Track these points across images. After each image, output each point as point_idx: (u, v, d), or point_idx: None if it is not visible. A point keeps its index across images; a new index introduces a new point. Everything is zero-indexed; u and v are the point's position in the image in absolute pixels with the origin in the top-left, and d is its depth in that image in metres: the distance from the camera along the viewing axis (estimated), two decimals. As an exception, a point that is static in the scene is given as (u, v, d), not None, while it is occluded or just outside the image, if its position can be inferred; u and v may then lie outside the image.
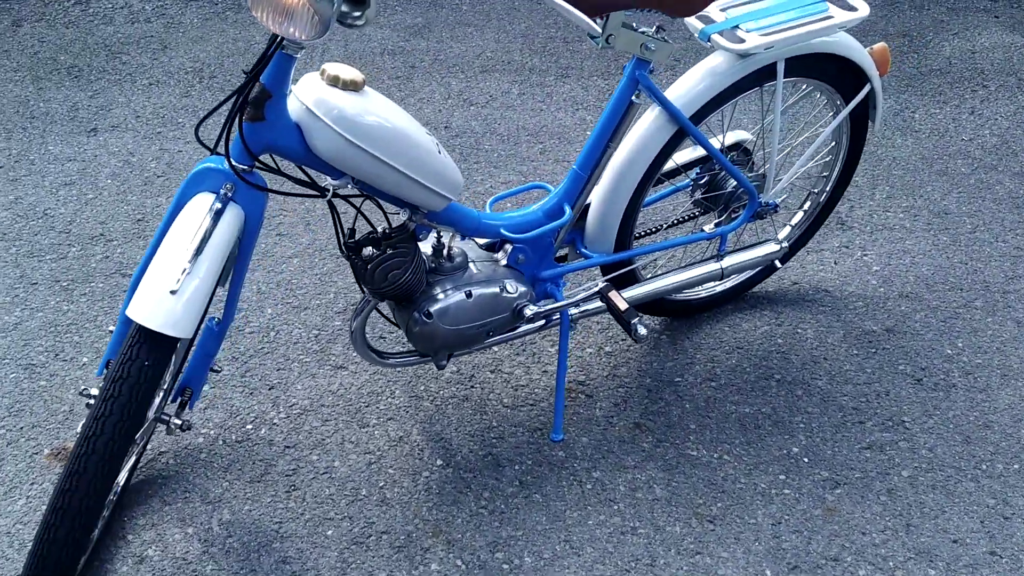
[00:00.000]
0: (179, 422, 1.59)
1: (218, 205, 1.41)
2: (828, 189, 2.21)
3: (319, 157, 1.47)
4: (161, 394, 1.57)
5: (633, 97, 1.75)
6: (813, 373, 2.12)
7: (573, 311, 1.93)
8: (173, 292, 1.31)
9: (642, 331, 1.79)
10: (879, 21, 3.78)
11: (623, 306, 1.79)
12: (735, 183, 2.03)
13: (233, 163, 1.41)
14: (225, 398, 2.04)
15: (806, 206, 2.27)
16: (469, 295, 1.75)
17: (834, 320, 2.27)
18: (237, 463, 1.89)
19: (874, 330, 2.24)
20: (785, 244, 2.12)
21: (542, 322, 1.92)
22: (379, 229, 1.65)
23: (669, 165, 1.97)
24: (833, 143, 2.15)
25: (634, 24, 1.66)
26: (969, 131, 3.05)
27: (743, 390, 2.08)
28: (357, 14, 1.29)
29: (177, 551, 1.71)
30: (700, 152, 2.02)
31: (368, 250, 1.64)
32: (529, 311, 1.81)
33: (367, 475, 1.87)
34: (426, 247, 1.76)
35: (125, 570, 1.67)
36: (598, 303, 1.96)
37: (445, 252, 1.76)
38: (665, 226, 2.11)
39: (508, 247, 1.84)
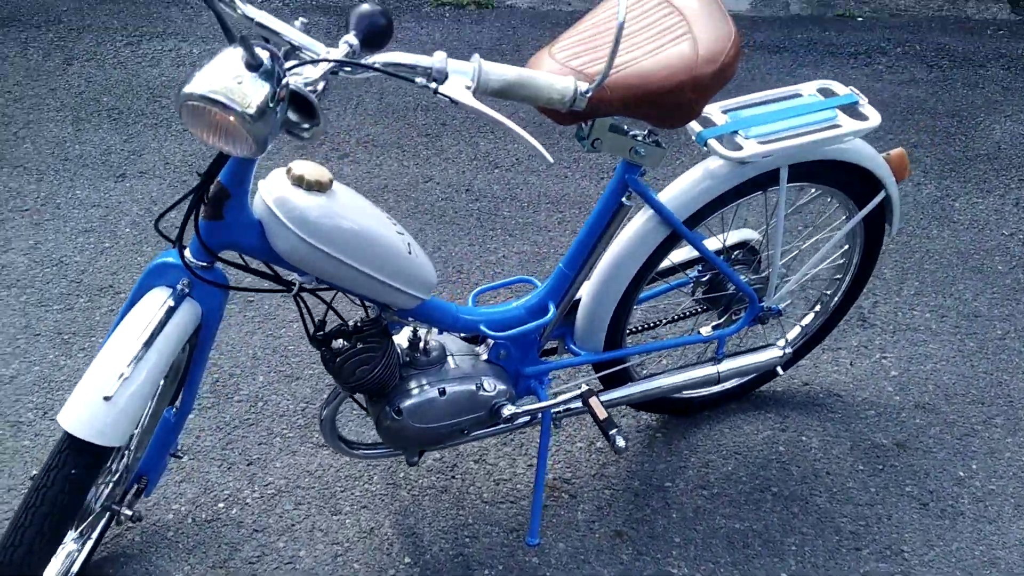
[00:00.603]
0: (130, 513, 1.56)
1: (171, 302, 1.38)
2: (841, 292, 2.11)
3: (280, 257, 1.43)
4: (111, 484, 1.54)
5: (624, 199, 1.68)
6: (813, 488, 2.01)
7: (558, 408, 1.86)
8: (107, 399, 1.28)
9: (621, 443, 1.71)
10: (928, 99, 3.65)
11: (602, 415, 1.71)
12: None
13: (187, 261, 1.38)
14: (202, 472, 2.01)
15: (817, 308, 2.17)
16: (443, 392, 1.69)
17: (842, 429, 2.16)
18: (202, 545, 1.85)
19: (884, 443, 2.12)
20: (788, 351, 2.02)
21: (527, 418, 1.85)
22: (350, 322, 1.61)
23: (666, 263, 1.90)
24: (847, 246, 2.05)
25: (625, 127, 1.60)
26: (1011, 224, 2.91)
27: (736, 502, 1.98)
28: (306, 126, 1.25)
29: (127, 638, 1.67)
30: (703, 250, 1.94)
31: (338, 342, 1.60)
32: (507, 411, 1.75)
33: (331, 568, 1.81)
34: (401, 339, 1.71)
35: (72, 655, 1.64)
36: (618, 395, 1.90)
37: (421, 346, 1.71)
38: (663, 322, 2.03)
39: (490, 341, 1.78)
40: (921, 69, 3.88)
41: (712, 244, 1.92)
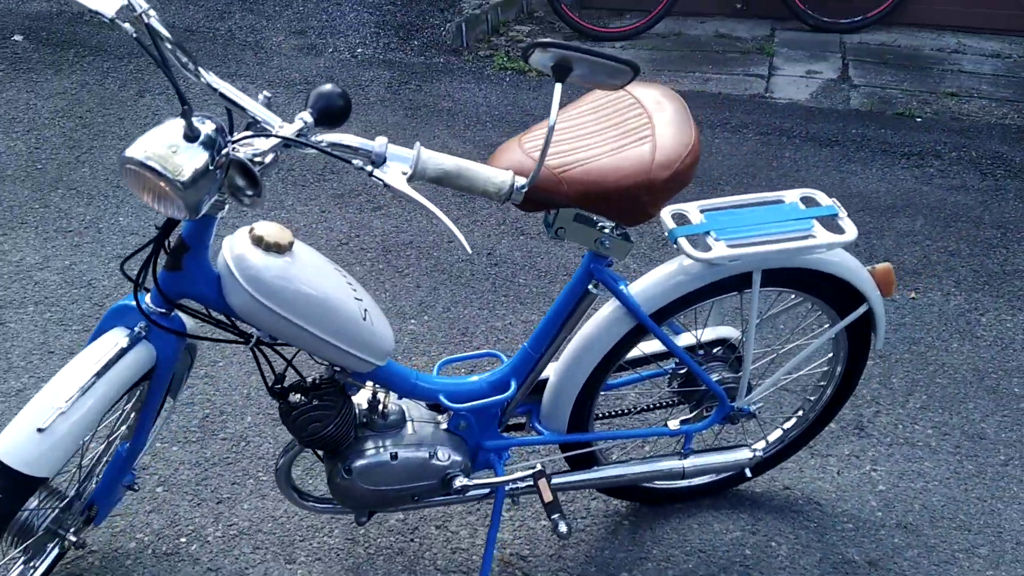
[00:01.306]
0: (74, 539, 1.62)
1: (124, 343, 1.45)
2: (824, 399, 2.07)
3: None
4: (57, 509, 1.60)
5: (590, 286, 1.70)
6: (771, 597, 1.96)
7: (514, 485, 1.86)
8: (40, 430, 1.35)
9: (563, 528, 1.71)
10: (976, 207, 3.57)
11: (548, 498, 1.72)
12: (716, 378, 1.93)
13: (142, 305, 1.45)
14: (173, 504, 2.07)
15: (799, 413, 2.13)
16: (395, 457, 1.72)
17: (815, 539, 2.11)
18: (156, 577, 1.90)
19: (855, 560, 2.06)
20: (759, 454, 1.99)
21: (482, 491, 1.86)
22: (308, 378, 1.66)
23: (640, 353, 1.90)
24: (831, 354, 2.02)
25: (593, 218, 1.62)
26: (1038, 346, 2.81)
27: (689, 601, 1.94)
28: (250, 193, 1.31)
29: (64, 660, 1.72)
30: (679, 342, 1.94)
31: (295, 397, 1.65)
32: (459, 482, 1.77)
33: (273, 616, 1.84)
34: (362, 399, 1.75)
35: (10, 669, 1.70)
36: (574, 478, 1.91)
37: (380, 408, 1.75)
38: (635, 411, 2.03)
39: (451, 412, 1.80)
40: (974, 176, 3.81)
41: (689, 339, 1.92)
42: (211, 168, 1.24)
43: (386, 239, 3.15)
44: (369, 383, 1.71)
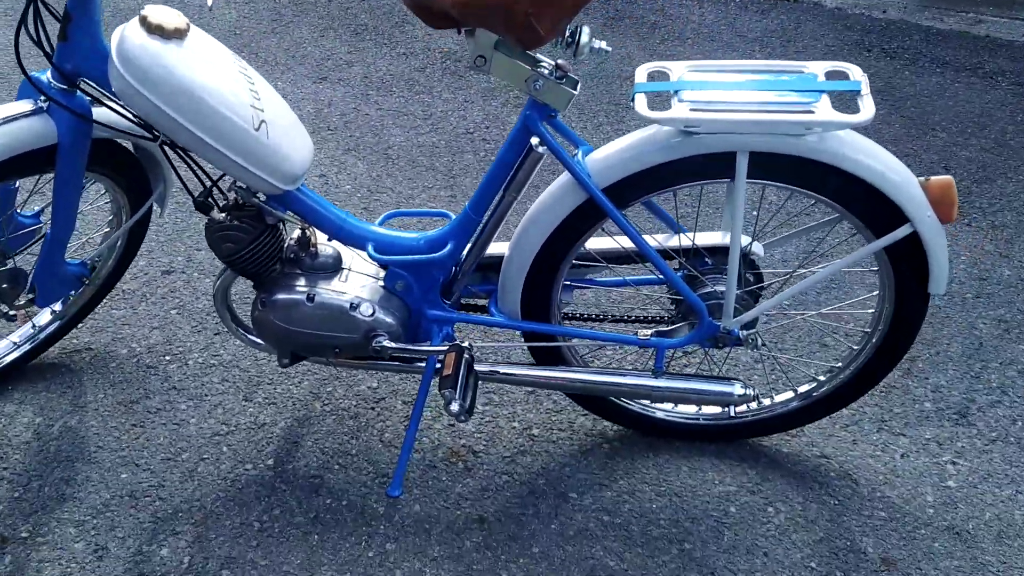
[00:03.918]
0: (12, 313, 1.70)
1: (24, 109, 1.46)
2: (868, 349, 1.65)
3: None
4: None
5: (533, 141, 1.46)
6: (732, 562, 1.62)
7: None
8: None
9: (454, 408, 1.50)
10: None
11: (446, 371, 1.52)
12: (707, 291, 1.60)
13: (28, 75, 1.44)
14: (177, 326, 2.12)
15: (838, 363, 1.72)
16: (311, 299, 1.61)
17: (826, 517, 1.71)
18: (126, 384, 1.95)
19: (867, 552, 1.65)
20: (751, 393, 1.62)
21: (413, 358, 1.68)
22: (231, 196, 1.59)
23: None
24: (876, 292, 1.60)
25: (528, 51, 1.38)
26: None
27: (631, 540, 1.66)
28: None
29: (11, 433, 1.82)
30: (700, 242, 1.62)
31: (220, 214, 1.59)
32: (377, 343, 1.62)
33: (202, 444, 1.83)
34: (294, 234, 1.65)
35: (-32, 428, 1.83)
36: (507, 370, 1.70)
37: (310, 247, 1.64)
38: (613, 317, 1.75)
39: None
40: None
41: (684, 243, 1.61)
42: None
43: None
44: (284, 211, 1.59)
